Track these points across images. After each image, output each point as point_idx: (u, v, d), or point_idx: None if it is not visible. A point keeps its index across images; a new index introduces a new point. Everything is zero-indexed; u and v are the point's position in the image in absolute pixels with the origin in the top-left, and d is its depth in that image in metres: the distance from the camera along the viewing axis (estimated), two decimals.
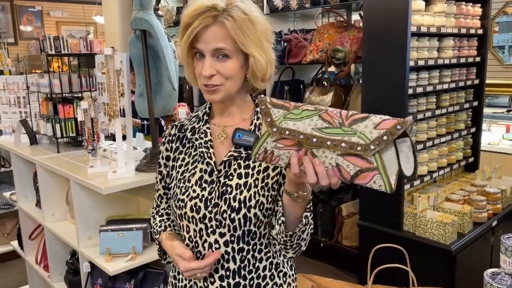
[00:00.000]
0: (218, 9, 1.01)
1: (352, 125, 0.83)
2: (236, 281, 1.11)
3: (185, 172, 1.14)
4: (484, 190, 2.72)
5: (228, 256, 1.10)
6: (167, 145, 1.20)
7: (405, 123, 0.80)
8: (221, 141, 1.14)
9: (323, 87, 3.54)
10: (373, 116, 0.83)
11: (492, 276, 1.19)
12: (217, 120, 1.17)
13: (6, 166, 3.74)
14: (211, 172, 1.11)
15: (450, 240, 2.35)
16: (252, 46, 1.04)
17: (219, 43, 1.02)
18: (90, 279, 2.03)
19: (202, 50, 1.04)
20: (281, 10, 3.54)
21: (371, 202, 2.69)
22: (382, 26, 2.47)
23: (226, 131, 1.14)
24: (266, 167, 1.10)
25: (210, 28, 1.02)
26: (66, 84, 2.47)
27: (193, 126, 1.16)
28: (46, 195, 2.37)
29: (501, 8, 4.84)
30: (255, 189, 1.08)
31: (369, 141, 0.81)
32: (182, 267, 1.08)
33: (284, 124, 0.88)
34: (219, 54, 1.04)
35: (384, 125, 0.81)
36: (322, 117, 0.85)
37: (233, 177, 1.09)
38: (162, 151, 1.21)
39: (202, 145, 1.13)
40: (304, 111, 0.87)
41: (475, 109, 3.15)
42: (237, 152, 1.10)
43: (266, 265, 1.15)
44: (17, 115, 2.92)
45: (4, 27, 8.23)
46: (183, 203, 1.11)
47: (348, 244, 3.28)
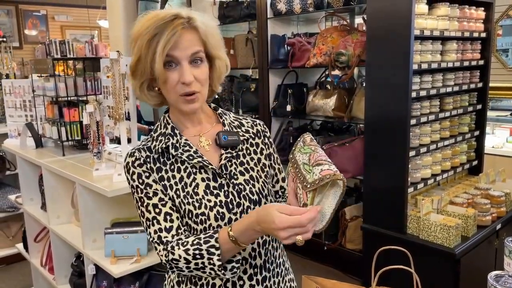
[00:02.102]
0: (184, 16, 1.03)
1: (315, 166, 0.98)
2: (263, 276, 1.14)
3: (185, 187, 1.09)
4: (488, 193, 2.72)
5: (255, 252, 1.12)
6: (146, 165, 1.09)
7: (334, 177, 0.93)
8: (206, 149, 1.14)
9: (326, 90, 3.55)
10: (327, 165, 0.98)
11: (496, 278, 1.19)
12: (188, 131, 1.15)
13: (11, 169, 3.77)
14: (215, 178, 1.11)
15: (454, 243, 2.35)
16: (218, 48, 1.11)
17: (194, 48, 1.04)
18: (95, 281, 2.04)
19: (178, 57, 1.02)
20: (284, 14, 3.56)
21: (374, 205, 2.69)
22: (385, 30, 2.48)
23: (205, 138, 1.15)
24: (258, 158, 1.18)
25: (185, 35, 1.02)
26: (72, 87, 2.50)
27: (171, 143, 1.10)
28: (51, 197, 2.38)
29: (505, 11, 4.83)
30: (261, 180, 1.16)
31: (311, 180, 0.96)
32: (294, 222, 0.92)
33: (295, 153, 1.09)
34: (195, 59, 1.05)
35: (324, 173, 0.95)
36: (310, 156, 1.02)
37: (237, 176, 1.13)
38: (140, 173, 1.09)
39: (194, 156, 1.10)
40: (306, 147, 1.06)
41: (478, 112, 3.15)
42: (229, 153, 1.13)
43: (279, 252, 1.21)
44: (23, 119, 2.94)
45: (9, 31, 8.29)
46: (204, 216, 1.07)
47: (352, 247, 3.28)
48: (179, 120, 1.15)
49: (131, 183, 1.10)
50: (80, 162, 2.33)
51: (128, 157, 1.12)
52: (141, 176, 1.09)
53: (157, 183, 1.09)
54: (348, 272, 3.30)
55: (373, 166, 2.67)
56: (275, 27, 3.74)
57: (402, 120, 2.47)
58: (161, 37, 0.99)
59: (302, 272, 1.32)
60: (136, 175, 1.09)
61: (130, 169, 1.10)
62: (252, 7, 3.74)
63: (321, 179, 0.94)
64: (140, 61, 1.04)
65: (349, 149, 3.14)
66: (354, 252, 3.23)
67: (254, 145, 1.19)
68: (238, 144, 1.15)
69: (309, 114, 3.59)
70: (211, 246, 1.00)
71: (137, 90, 1.10)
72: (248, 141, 1.19)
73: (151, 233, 1.08)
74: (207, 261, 1.00)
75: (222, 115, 1.20)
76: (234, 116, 1.23)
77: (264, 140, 1.22)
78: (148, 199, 1.08)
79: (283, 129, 3.77)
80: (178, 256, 1.02)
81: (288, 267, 1.26)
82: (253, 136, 1.20)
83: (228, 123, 1.18)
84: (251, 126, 1.22)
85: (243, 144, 1.17)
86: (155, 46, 1.00)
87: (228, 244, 0.99)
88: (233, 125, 1.18)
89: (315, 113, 3.52)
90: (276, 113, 3.71)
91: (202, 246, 1.00)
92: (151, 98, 1.12)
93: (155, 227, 1.07)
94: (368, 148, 2.70)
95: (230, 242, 0.99)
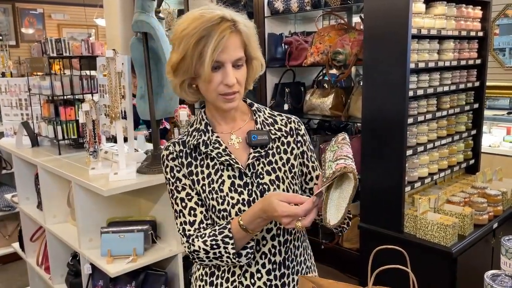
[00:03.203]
0: (229, 19, 1.06)
1: (335, 161, 1.02)
2: (282, 272, 1.17)
3: (211, 183, 1.14)
4: (485, 192, 2.72)
5: (275, 249, 1.16)
6: (178, 160, 1.16)
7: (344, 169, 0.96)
8: (236, 146, 1.17)
9: (323, 89, 3.54)
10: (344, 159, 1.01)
11: (492, 277, 1.19)
12: (220, 128, 1.19)
13: (7, 168, 3.75)
14: (241, 176, 1.14)
15: (450, 242, 2.35)
16: (256, 49, 1.14)
17: (238, 53, 1.08)
18: (91, 281, 2.03)
19: (223, 60, 1.06)
20: (281, 12, 3.55)
21: (371, 204, 2.69)
22: (382, 29, 2.48)
23: (236, 136, 1.18)
24: (287, 158, 1.19)
25: (231, 39, 1.05)
26: (68, 86, 2.48)
27: (203, 140, 1.16)
28: (47, 197, 2.37)
29: (502, 11, 4.84)
30: (287, 181, 1.17)
31: (328, 174, 1.00)
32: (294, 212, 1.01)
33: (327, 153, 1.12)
34: (237, 63, 1.09)
35: (336, 167, 0.99)
36: (334, 153, 1.06)
37: (263, 175, 1.15)
38: (173, 167, 1.17)
39: (222, 154, 1.14)
40: (334, 145, 1.10)
41: (475, 111, 3.15)
42: (258, 153, 1.16)
43: (301, 251, 1.24)
44: (19, 117, 2.93)
45: (5, 29, 8.25)
46: (226, 212, 1.12)
47: (349, 246, 3.28)
48: (214, 117, 1.19)
49: (165, 175, 1.18)
50: (76, 161, 2.32)
51: (164, 150, 1.19)
52: (173, 170, 1.16)
53: (186, 177, 1.15)
54: (345, 271, 3.30)
55: (370, 165, 2.67)
56: (272, 25, 3.73)
57: (399, 119, 2.47)
58: (209, 40, 1.02)
59: None
60: (169, 168, 1.17)
61: (164, 162, 1.18)
62: (250, 5, 3.73)
63: (333, 172, 0.98)
64: (185, 61, 1.06)
65: None
66: (351, 251, 3.24)
67: (285, 144, 1.21)
68: (267, 144, 1.17)
69: (306, 113, 3.59)
70: (225, 236, 1.08)
71: (177, 88, 1.14)
72: (280, 139, 1.20)
73: (177, 224, 1.17)
74: (223, 250, 1.09)
75: (256, 112, 1.22)
76: (269, 112, 1.25)
77: (296, 139, 1.22)
78: (177, 192, 1.16)
79: None
80: (198, 248, 1.11)
81: (310, 266, 1.28)
82: (285, 135, 1.21)
83: (261, 120, 1.20)
84: (285, 123, 1.23)
85: (274, 142, 1.19)
86: (202, 48, 1.03)
87: (240, 233, 1.07)
88: (266, 123, 1.20)
89: (312, 112, 3.52)
90: None
91: (218, 237, 1.09)
92: (190, 95, 1.16)
93: (181, 219, 1.16)
94: (365, 147, 2.70)
95: (242, 231, 1.07)
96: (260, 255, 1.15)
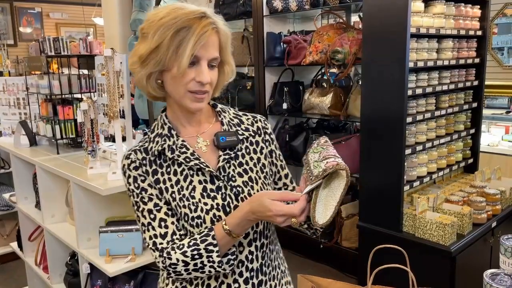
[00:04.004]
0: (211, 17, 1.02)
1: (322, 160, 1.01)
2: (260, 279, 1.12)
3: (181, 190, 1.07)
4: (484, 191, 2.72)
5: (252, 256, 1.11)
6: (142, 168, 1.08)
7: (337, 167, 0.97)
8: (203, 150, 1.12)
9: (322, 88, 3.54)
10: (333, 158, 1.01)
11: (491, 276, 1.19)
12: (185, 131, 1.13)
13: (5, 168, 3.74)
14: (213, 180, 1.09)
15: (449, 241, 2.35)
16: (229, 54, 1.11)
17: (215, 53, 1.04)
18: (90, 280, 2.02)
19: (201, 56, 1.01)
20: (280, 11, 3.55)
21: (370, 203, 2.69)
22: (381, 28, 2.48)
23: (202, 139, 1.13)
24: (258, 158, 1.15)
25: (211, 37, 1.02)
26: (66, 85, 2.48)
27: (168, 145, 1.09)
28: (45, 196, 2.37)
29: (500, 10, 4.84)
30: (260, 181, 1.13)
31: (316, 173, 0.99)
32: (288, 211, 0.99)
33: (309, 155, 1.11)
34: (212, 63, 1.04)
35: (327, 165, 0.98)
36: (320, 154, 1.05)
37: (235, 177, 1.10)
38: (136, 176, 1.08)
39: (191, 159, 1.08)
40: (318, 147, 1.09)
41: (474, 110, 3.15)
42: (227, 155, 1.11)
43: (275, 255, 1.19)
44: (17, 117, 2.92)
45: (3, 28, 8.23)
46: (200, 220, 1.06)
47: (348, 246, 3.28)
48: (178, 119, 1.12)
49: (127, 186, 1.11)
50: (75, 161, 2.32)
51: (124, 159, 1.11)
52: (137, 179, 1.08)
53: (153, 187, 1.08)
54: (344, 270, 3.30)
55: (369, 164, 2.67)
56: (271, 24, 3.73)
57: (398, 118, 2.47)
58: (190, 33, 0.98)
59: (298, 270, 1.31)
60: (132, 178, 1.09)
61: (126, 172, 1.09)
62: (248, 4, 3.72)
63: (324, 170, 0.97)
64: (158, 51, 0.99)
65: (345, 147, 3.14)
66: (350, 250, 3.24)
67: (254, 144, 1.16)
68: (236, 145, 1.12)
69: (305, 112, 3.59)
70: (209, 244, 1.01)
71: (143, 80, 1.05)
72: (248, 139, 1.16)
73: (146, 238, 1.08)
74: (206, 259, 1.02)
75: (221, 113, 1.17)
76: (234, 112, 1.20)
77: (264, 138, 1.19)
78: (143, 204, 1.08)
79: (279, 127, 3.76)
80: (176, 260, 1.03)
81: (284, 270, 1.24)
82: (253, 134, 1.17)
83: (227, 121, 1.15)
84: (251, 123, 1.19)
85: (242, 143, 1.14)
86: (181, 40, 0.98)
87: (224, 238, 1.02)
88: (232, 123, 1.16)
89: (311, 111, 3.52)
90: (272, 111, 3.70)
91: (200, 246, 1.02)
92: (155, 90, 1.08)
93: (150, 233, 1.07)
94: (364, 146, 2.70)
95: (226, 236, 1.01)
96: (236, 263, 1.09)
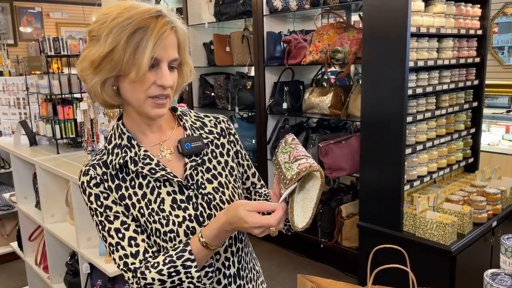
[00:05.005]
0: (167, 15, 0.95)
1: (293, 162, 0.97)
2: (238, 284, 1.09)
3: (149, 204, 1.01)
4: (484, 190, 2.72)
5: (229, 262, 1.07)
6: (103, 184, 1.00)
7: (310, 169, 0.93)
8: (168, 159, 1.05)
9: (322, 88, 3.54)
10: (305, 159, 0.97)
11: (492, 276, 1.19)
12: (147, 139, 1.05)
13: (5, 167, 3.74)
14: (182, 190, 1.03)
15: (450, 241, 2.35)
16: (187, 53, 1.04)
17: (175, 53, 0.98)
18: (90, 280, 2.02)
19: (161, 58, 0.94)
20: (280, 11, 3.54)
21: (370, 203, 2.69)
22: (381, 27, 2.47)
23: (166, 147, 1.06)
24: (225, 161, 1.10)
25: (169, 37, 0.95)
26: (66, 85, 2.48)
27: (130, 157, 1.01)
28: (45, 196, 2.37)
29: (501, 9, 4.84)
30: (231, 185, 1.08)
31: (290, 176, 0.95)
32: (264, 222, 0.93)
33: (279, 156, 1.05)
34: (172, 65, 0.98)
35: (300, 167, 0.94)
36: (290, 154, 1.00)
37: (205, 184, 1.05)
38: (98, 194, 1.00)
39: (156, 170, 1.01)
40: (288, 147, 1.04)
41: (474, 109, 3.15)
42: (194, 161, 1.05)
43: (249, 257, 1.16)
44: (17, 116, 2.93)
45: (3, 28, 8.23)
46: (173, 233, 1.00)
47: (348, 245, 3.28)
48: (137, 127, 1.04)
49: (89, 205, 1.02)
50: (75, 160, 2.32)
51: (82, 175, 1.02)
52: (99, 197, 1.00)
53: (117, 203, 1.01)
54: (344, 269, 3.30)
55: (369, 164, 2.66)
56: (271, 24, 3.72)
57: (398, 117, 2.46)
58: (148, 34, 0.91)
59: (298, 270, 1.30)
60: (93, 196, 1.00)
61: (86, 190, 1.01)
62: (248, 4, 3.72)
63: (298, 173, 0.92)
64: (112, 55, 0.91)
65: (345, 147, 3.13)
66: (351, 249, 3.23)
67: (220, 147, 1.11)
68: (202, 150, 1.06)
69: (305, 112, 3.59)
70: (186, 259, 0.95)
71: (97, 87, 0.96)
72: (213, 142, 1.10)
73: (116, 259, 1.00)
74: (184, 275, 0.96)
75: (182, 117, 1.10)
76: (195, 114, 1.14)
77: (229, 139, 1.13)
78: (109, 223, 1.00)
79: (279, 126, 3.76)
80: (152, 280, 0.96)
81: (258, 269, 1.21)
82: (217, 137, 1.11)
83: (189, 125, 1.09)
84: (214, 124, 1.13)
85: (208, 147, 1.08)
86: (139, 42, 0.90)
87: (202, 252, 0.97)
88: (195, 127, 1.09)
89: (311, 110, 3.52)
90: (272, 111, 3.70)
91: (177, 262, 0.96)
92: (111, 98, 0.99)
93: (120, 253, 0.99)
94: (364, 145, 2.69)
95: (204, 249, 0.96)
96: (214, 269, 1.04)
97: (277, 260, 3.52)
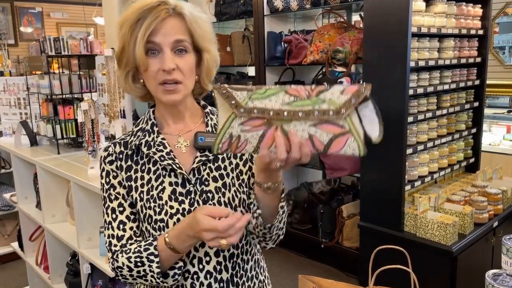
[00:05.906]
0: (170, 4, 0.97)
1: (319, 94, 0.82)
2: None
3: (150, 190, 1.02)
4: (485, 190, 2.71)
5: (221, 266, 1.05)
6: (117, 163, 1.05)
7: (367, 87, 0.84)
8: (182, 150, 1.06)
9: None
10: (336, 86, 0.84)
11: (493, 277, 1.18)
12: (168, 129, 1.08)
13: (6, 168, 3.74)
14: (184, 183, 1.03)
15: (451, 241, 2.34)
16: (207, 41, 1.03)
17: (177, 35, 0.97)
18: (91, 280, 2.02)
19: (160, 43, 0.96)
20: (281, 11, 3.54)
21: (371, 203, 2.69)
22: (382, 27, 2.47)
23: (184, 139, 1.07)
24: (237, 164, 1.08)
25: (168, 21, 0.97)
26: (66, 85, 2.48)
27: (146, 140, 1.04)
28: (46, 196, 2.37)
29: (502, 9, 4.83)
30: (234, 188, 1.06)
31: (339, 105, 0.82)
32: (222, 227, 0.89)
33: (250, 104, 0.83)
34: (178, 48, 0.98)
35: (349, 90, 0.83)
36: (288, 93, 0.83)
37: (209, 182, 1.04)
38: (109, 171, 1.05)
39: (165, 158, 1.02)
40: (268, 90, 0.84)
41: (475, 109, 3.15)
42: (204, 156, 1.04)
43: (251, 265, 1.12)
44: (17, 117, 2.92)
45: (4, 28, 8.24)
46: (163, 223, 1.01)
47: (349, 245, 3.28)
48: (162, 116, 1.08)
49: (100, 179, 1.08)
50: (75, 160, 2.32)
51: (104, 150, 1.08)
52: (109, 174, 1.05)
53: (122, 185, 1.04)
54: (345, 270, 3.30)
55: (370, 164, 2.66)
56: (272, 24, 3.72)
57: (399, 117, 2.46)
58: (143, 23, 0.94)
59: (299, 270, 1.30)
60: (105, 172, 1.06)
61: (101, 164, 1.08)
62: (249, 4, 3.72)
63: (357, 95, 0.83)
64: (124, 49, 0.98)
65: None
66: (351, 250, 3.23)
67: None
68: None
69: None
70: (150, 253, 0.97)
71: (122, 80, 1.05)
72: None
73: (106, 236, 1.06)
74: (148, 268, 0.97)
75: (209, 114, 1.11)
76: None
77: None
78: (109, 201, 1.05)
79: None
80: (122, 264, 1.00)
81: (263, 280, 1.17)
82: None
83: (212, 123, 1.09)
84: None
85: None
86: (137, 32, 0.95)
87: (166, 251, 0.96)
88: (216, 127, 1.08)
89: None
90: None
91: (143, 254, 0.98)
92: (136, 89, 1.05)
93: (109, 232, 1.05)
94: None
95: (168, 249, 0.96)
96: (204, 274, 1.03)
97: (277, 260, 3.52)
